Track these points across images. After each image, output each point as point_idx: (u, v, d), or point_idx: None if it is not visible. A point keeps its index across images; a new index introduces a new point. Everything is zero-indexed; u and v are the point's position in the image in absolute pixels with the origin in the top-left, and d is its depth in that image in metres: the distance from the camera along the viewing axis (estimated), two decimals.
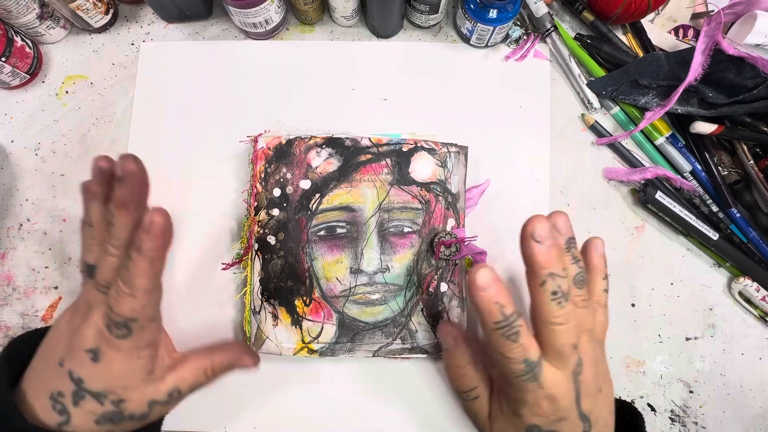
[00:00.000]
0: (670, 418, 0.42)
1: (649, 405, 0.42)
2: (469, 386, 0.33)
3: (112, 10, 0.46)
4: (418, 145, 0.41)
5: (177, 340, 0.40)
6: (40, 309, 0.42)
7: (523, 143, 0.45)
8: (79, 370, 0.29)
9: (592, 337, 0.31)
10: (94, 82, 0.46)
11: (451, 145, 0.42)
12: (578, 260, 0.31)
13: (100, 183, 0.32)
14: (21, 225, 0.43)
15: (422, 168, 0.41)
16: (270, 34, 0.46)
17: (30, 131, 0.45)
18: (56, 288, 0.43)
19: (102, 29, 0.46)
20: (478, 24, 0.42)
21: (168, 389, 0.32)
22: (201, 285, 0.42)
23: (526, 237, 0.28)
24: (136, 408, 0.30)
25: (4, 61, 0.41)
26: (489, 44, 0.45)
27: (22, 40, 0.43)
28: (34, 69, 0.45)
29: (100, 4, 0.44)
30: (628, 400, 0.42)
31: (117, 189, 0.29)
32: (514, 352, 0.27)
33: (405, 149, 0.41)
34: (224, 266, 0.41)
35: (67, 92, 0.46)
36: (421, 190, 0.41)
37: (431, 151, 0.41)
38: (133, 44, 0.46)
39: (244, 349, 0.34)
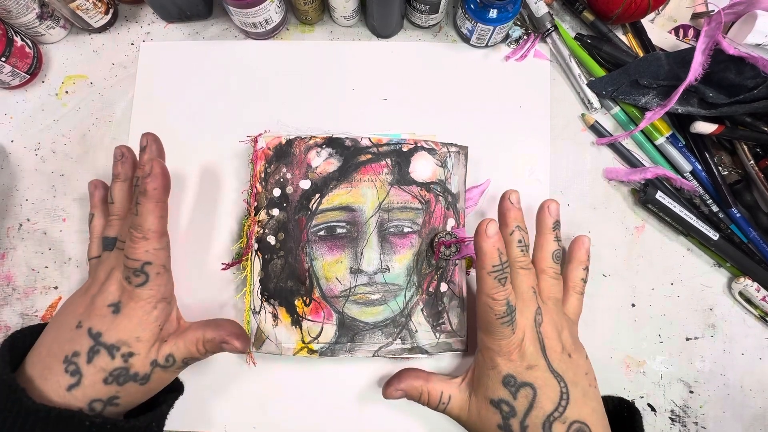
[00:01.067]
0: (670, 418, 0.42)
1: (649, 405, 0.42)
2: (437, 399, 0.36)
3: (112, 10, 0.46)
4: (418, 145, 0.41)
5: None
6: (40, 309, 0.42)
7: (523, 143, 0.45)
8: (98, 325, 0.32)
9: (558, 305, 0.36)
10: (94, 82, 0.46)
11: (451, 145, 0.42)
12: (559, 240, 0.37)
13: (123, 164, 0.38)
14: (21, 225, 0.43)
15: (422, 168, 0.41)
16: (270, 34, 0.46)
17: (30, 131, 0.45)
18: (56, 288, 0.43)
19: (102, 29, 0.46)
20: (478, 24, 0.42)
21: (165, 353, 0.33)
22: (201, 285, 0.42)
23: (504, 199, 0.35)
24: (140, 366, 0.32)
25: (4, 61, 0.41)
26: (489, 44, 0.45)
27: (22, 39, 0.43)
28: (34, 69, 0.45)
29: (100, 4, 0.44)
30: (628, 400, 0.42)
31: (141, 156, 0.37)
32: (501, 294, 0.32)
33: (405, 149, 0.41)
34: (224, 266, 0.41)
35: (67, 92, 0.46)
36: (421, 190, 0.41)
37: (431, 151, 0.41)
38: (133, 44, 0.46)
39: (236, 330, 0.35)
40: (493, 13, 0.41)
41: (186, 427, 0.40)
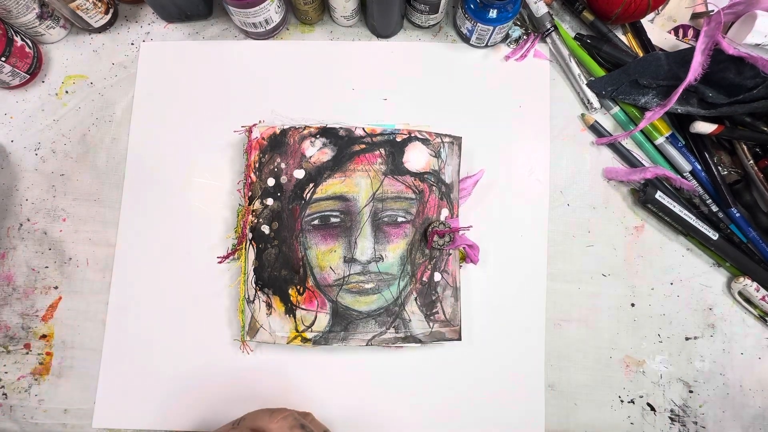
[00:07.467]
0: (669, 417, 0.42)
1: (648, 404, 0.42)
2: None
3: (112, 10, 0.45)
4: (412, 135, 0.42)
5: (170, 330, 0.41)
6: (40, 309, 0.42)
7: (522, 143, 0.45)
8: None
9: None
10: (94, 82, 0.46)
11: (445, 135, 0.42)
12: None
13: None
14: (21, 225, 0.43)
15: (416, 158, 0.41)
16: (270, 34, 0.46)
17: (30, 131, 0.45)
18: (56, 288, 0.43)
19: (102, 29, 0.46)
20: (478, 24, 0.42)
21: None
22: (196, 274, 0.42)
23: None
24: None
25: (4, 61, 0.41)
26: (489, 44, 0.45)
27: (22, 39, 0.43)
28: (34, 69, 0.45)
29: (100, 4, 0.44)
30: (628, 399, 0.42)
31: None
32: None
33: (399, 139, 0.41)
34: (220, 260, 0.42)
35: (67, 92, 0.46)
36: (415, 180, 0.41)
37: (425, 141, 0.42)
38: (133, 44, 0.46)
39: None
40: (493, 13, 0.41)
41: (186, 427, 0.40)
